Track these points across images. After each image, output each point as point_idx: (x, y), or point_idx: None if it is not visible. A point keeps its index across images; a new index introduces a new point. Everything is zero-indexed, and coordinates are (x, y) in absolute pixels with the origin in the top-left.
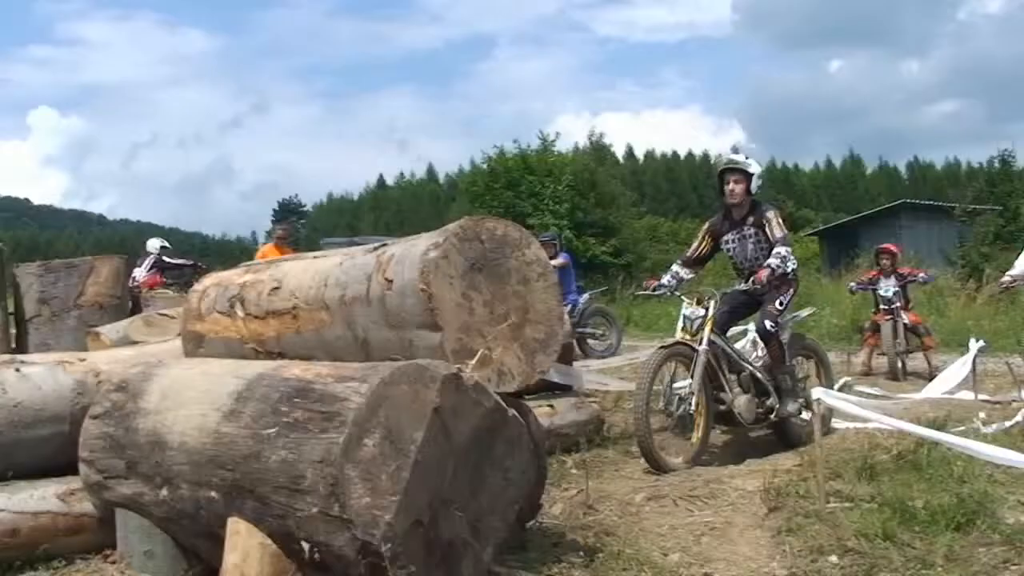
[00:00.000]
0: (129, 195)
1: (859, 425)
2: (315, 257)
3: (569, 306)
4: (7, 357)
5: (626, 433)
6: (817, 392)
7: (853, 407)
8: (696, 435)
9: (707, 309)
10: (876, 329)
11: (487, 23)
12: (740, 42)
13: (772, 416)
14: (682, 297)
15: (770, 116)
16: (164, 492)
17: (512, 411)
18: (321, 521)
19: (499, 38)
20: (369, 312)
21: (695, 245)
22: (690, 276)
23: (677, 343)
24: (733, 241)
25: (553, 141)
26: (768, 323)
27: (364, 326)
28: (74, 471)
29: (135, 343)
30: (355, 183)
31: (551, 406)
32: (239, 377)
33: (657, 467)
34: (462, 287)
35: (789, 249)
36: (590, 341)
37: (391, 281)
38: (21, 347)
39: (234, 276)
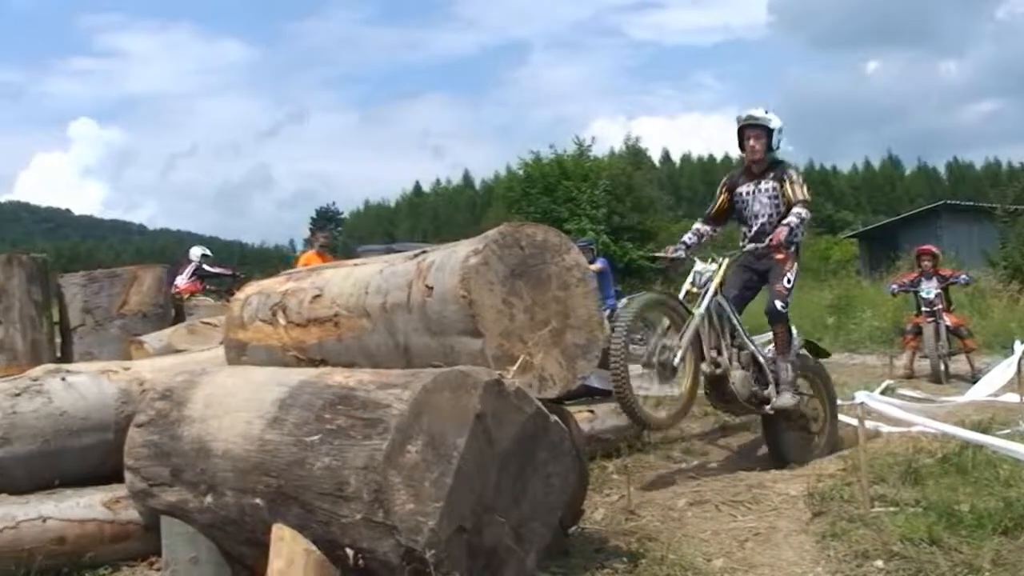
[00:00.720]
0: (169, 205)
1: (902, 429)
2: (355, 265)
3: (607, 311)
4: (53, 366)
5: (668, 438)
6: (860, 396)
7: (897, 410)
8: (682, 390)
9: (720, 267)
10: (918, 331)
11: (522, 29)
12: (776, 44)
13: (767, 407)
14: (696, 259)
15: (807, 118)
16: (209, 499)
17: (554, 417)
18: (365, 527)
19: (534, 44)
20: (410, 319)
21: (714, 202)
22: (712, 232)
23: (669, 295)
24: (747, 193)
25: (589, 146)
26: (779, 303)
27: (405, 333)
28: (119, 479)
29: (178, 351)
30: (391, 190)
31: (591, 411)
32: (282, 384)
33: (635, 418)
34: (502, 293)
35: (810, 213)
36: (631, 346)
37: (431, 288)
38: (66, 356)
39: (276, 284)
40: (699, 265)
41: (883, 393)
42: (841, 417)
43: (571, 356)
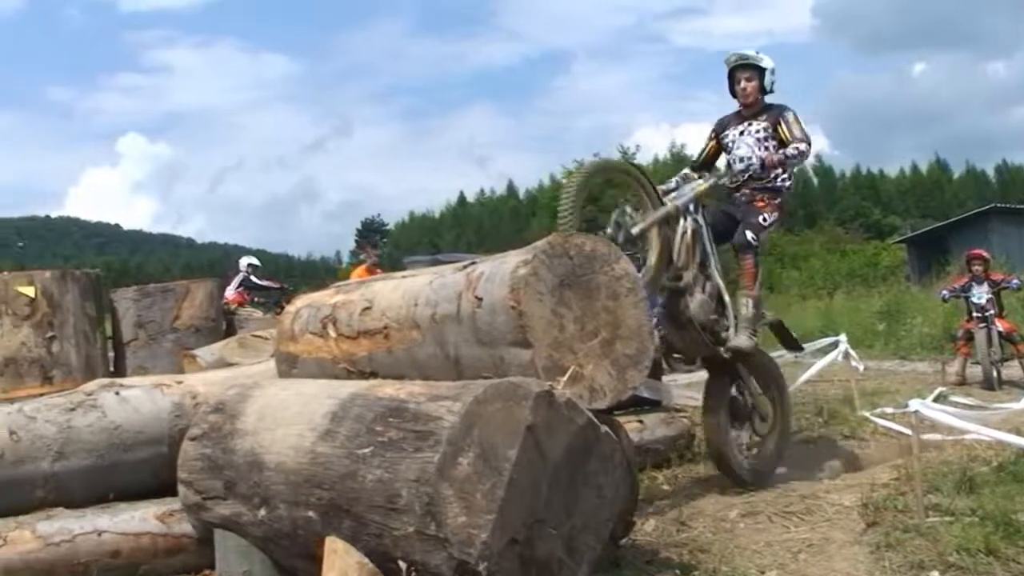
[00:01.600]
0: (217, 218)
1: (955, 437)
2: (404, 277)
3: (655, 320)
4: (107, 381)
5: None
6: (914, 404)
7: (951, 418)
8: (652, 256)
9: (704, 181)
10: (969, 337)
11: (564, 38)
12: (821, 48)
13: (721, 348)
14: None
15: (853, 122)
16: (262, 512)
17: (605, 428)
18: (417, 540)
19: (576, 52)
20: (460, 330)
21: (702, 148)
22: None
23: (638, 167)
24: (735, 135)
25: (634, 154)
26: (749, 233)
27: (455, 344)
28: (173, 492)
29: (230, 365)
30: (436, 200)
31: (641, 421)
32: (333, 397)
33: None
34: (552, 304)
35: (809, 149)
36: (676, 354)
37: (481, 299)
38: (119, 370)
39: (326, 297)
40: (688, 178)
41: (936, 400)
42: (893, 426)
43: (621, 366)
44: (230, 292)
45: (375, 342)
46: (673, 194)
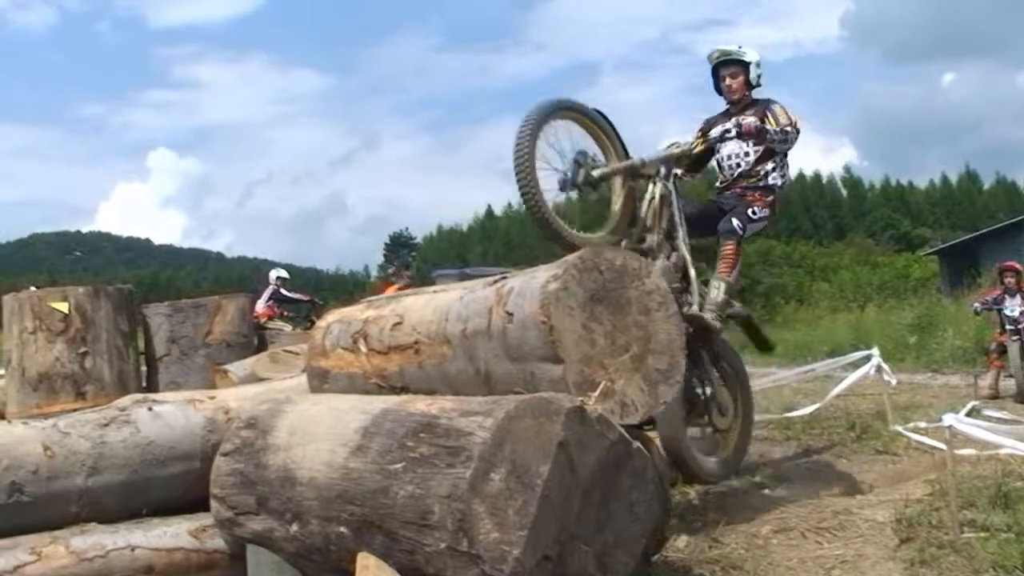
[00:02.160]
0: (246, 232)
1: (990, 452)
2: (435, 291)
3: None
4: (139, 396)
5: (749, 463)
6: (948, 418)
7: (985, 432)
8: (615, 203)
9: (679, 146)
10: (1002, 350)
11: (591, 50)
12: (849, 58)
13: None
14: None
15: (882, 133)
16: (294, 528)
17: (636, 443)
18: (449, 556)
19: (603, 64)
20: (490, 345)
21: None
22: (684, 177)
23: (597, 111)
24: (724, 140)
25: None
26: (736, 221)
27: (486, 359)
28: (205, 508)
29: (262, 380)
30: (464, 214)
31: None
32: (365, 412)
33: (559, 240)
34: (583, 318)
35: (797, 133)
36: None
37: (511, 314)
38: (151, 386)
39: (356, 312)
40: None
41: (969, 415)
42: (927, 440)
43: (653, 381)
44: (260, 305)
45: (406, 357)
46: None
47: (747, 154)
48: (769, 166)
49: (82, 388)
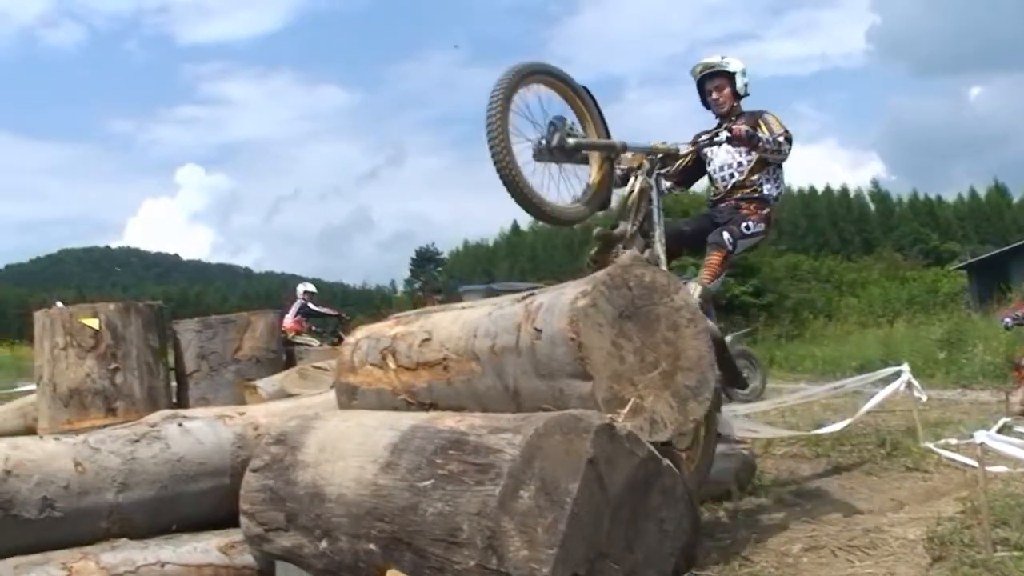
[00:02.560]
0: (273, 247)
1: (1022, 469)
2: (463, 308)
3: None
4: (169, 412)
5: (779, 480)
6: (980, 436)
7: (1017, 449)
8: (593, 175)
9: (667, 145)
10: None
11: (616, 65)
12: (875, 72)
13: None
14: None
15: (910, 147)
16: (324, 544)
17: (666, 461)
18: (479, 574)
19: (628, 80)
20: (519, 362)
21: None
22: (672, 190)
23: (580, 85)
24: (713, 148)
25: None
26: (727, 235)
27: (514, 376)
28: (235, 523)
29: (291, 395)
30: (490, 229)
31: None
32: (394, 429)
33: (532, 209)
34: (611, 335)
35: (789, 146)
36: None
37: (540, 330)
38: (181, 402)
39: (385, 328)
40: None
41: (1000, 431)
42: (958, 457)
43: (682, 398)
44: (288, 320)
45: (434, 374)
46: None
47: (740, 164)
48: (764, 176)
49: (112, 404)
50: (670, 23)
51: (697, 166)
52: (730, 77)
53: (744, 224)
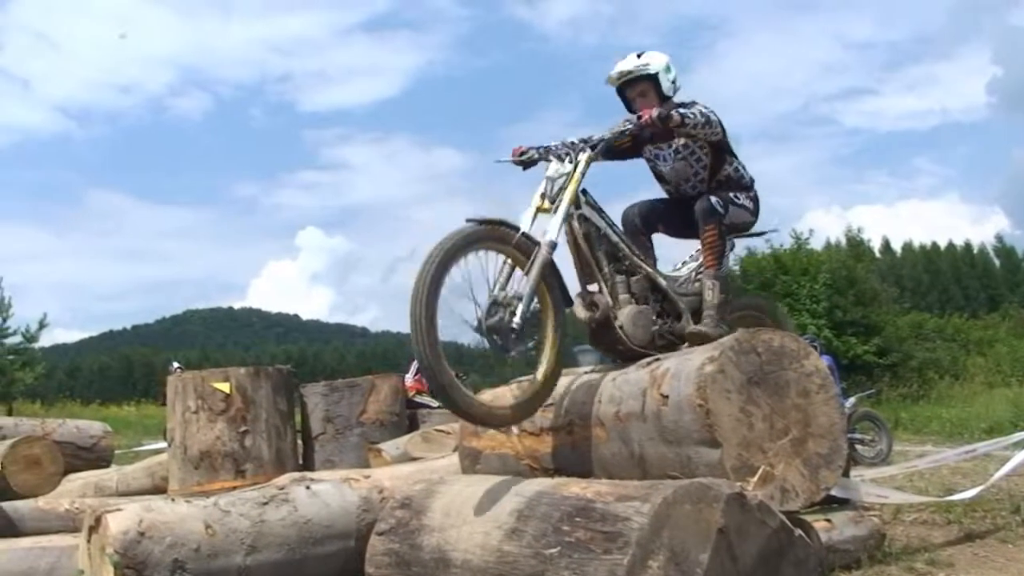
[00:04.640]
0: (390, 308)
1: None
2: (586, 372)
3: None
4: (297, 475)
5: (909, 548)
6: None
7: None
8: (540, 370)
9: (576, 166)
10: None
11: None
12: (997, 124)
13: (680, 341)
14: (551, 158)
15: None
16: None
17: (799, 531)
18: None
19: (741, 135)
20: (645, 428)
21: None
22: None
23: (497, 222)
24: (659, 158)
25: (807, 239)
26: (714, 199)
27: (640, 442)
28: None
29: (415, 459)
30: None
31: (828, 520)
32: (519, 495)
33: (457, 409)
34: (740, 401)
35: (718, 120)
36: (859, 447)
37: (666, 396)
38: (308, 464)
39: (507, 392)
40: (551, 168)
41: None
42: None
43: (814, 466)
44: (408, 379)
45: (559, 439)
46: (548, 205)
47: (697, 173)
48: (730, 169)
49: (242, 466)
50: (784, 80)
51: (631, 147)
52: (652, 79)
53: (732, 194)
